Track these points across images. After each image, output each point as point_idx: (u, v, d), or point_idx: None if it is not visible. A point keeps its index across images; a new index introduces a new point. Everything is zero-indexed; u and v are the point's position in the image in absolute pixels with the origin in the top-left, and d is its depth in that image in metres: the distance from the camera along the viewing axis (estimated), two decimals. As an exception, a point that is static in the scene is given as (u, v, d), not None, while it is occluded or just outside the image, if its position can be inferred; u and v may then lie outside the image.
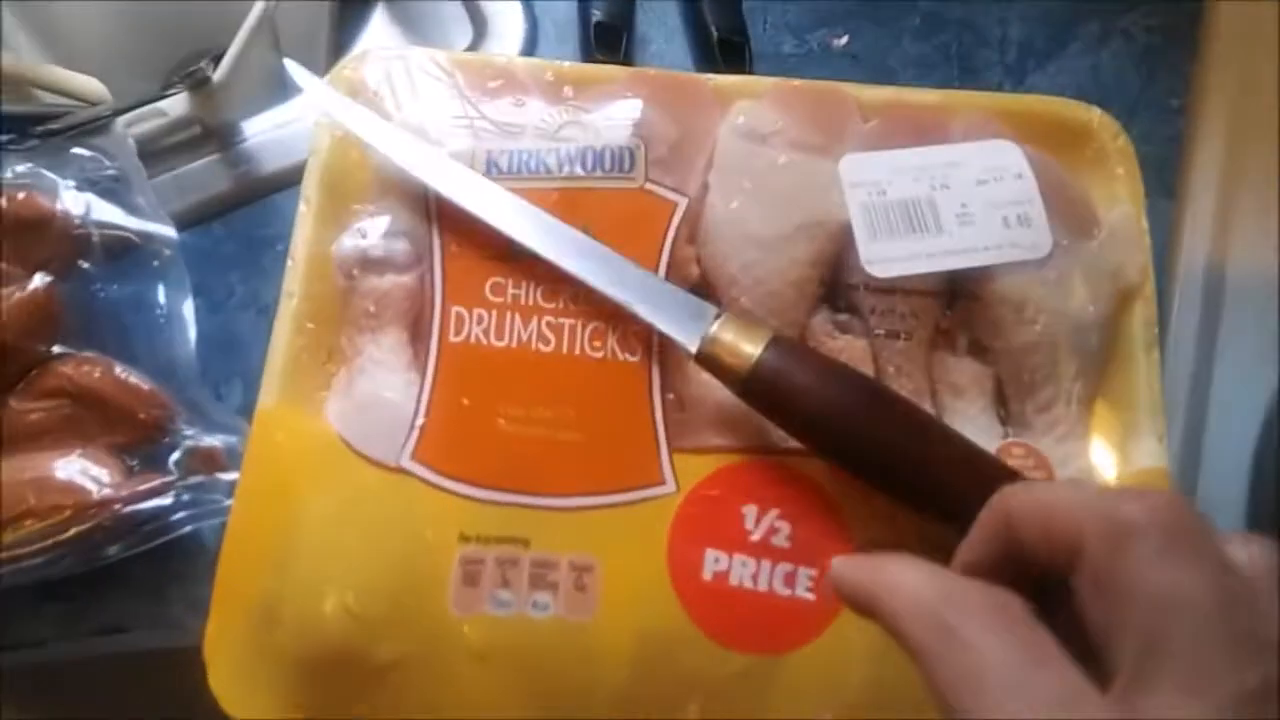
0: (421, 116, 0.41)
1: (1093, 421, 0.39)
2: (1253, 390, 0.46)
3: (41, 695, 0.43)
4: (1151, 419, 0.39)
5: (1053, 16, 0.56)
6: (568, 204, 0.39)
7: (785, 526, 0.36)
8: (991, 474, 0.33)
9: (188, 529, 0.39)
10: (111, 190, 0.43)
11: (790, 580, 0.35)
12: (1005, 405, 0.40)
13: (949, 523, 0.34)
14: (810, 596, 0.35)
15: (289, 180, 0.49)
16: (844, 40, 0.55)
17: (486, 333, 0.38)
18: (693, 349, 0.36)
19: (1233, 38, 0.54)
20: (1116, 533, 0.22)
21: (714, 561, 0.35)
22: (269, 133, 0.51)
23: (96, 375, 0.40)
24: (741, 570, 0.35)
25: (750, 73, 0.52)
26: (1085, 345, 0.39)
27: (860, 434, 0.34)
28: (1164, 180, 0.51)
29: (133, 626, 0.41)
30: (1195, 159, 0.52)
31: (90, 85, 0.47)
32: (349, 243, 0.39)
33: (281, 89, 0.53)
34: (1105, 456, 0.39)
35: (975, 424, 0.39)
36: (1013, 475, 0.34)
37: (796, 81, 0.43)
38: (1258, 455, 0.45)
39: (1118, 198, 0.42)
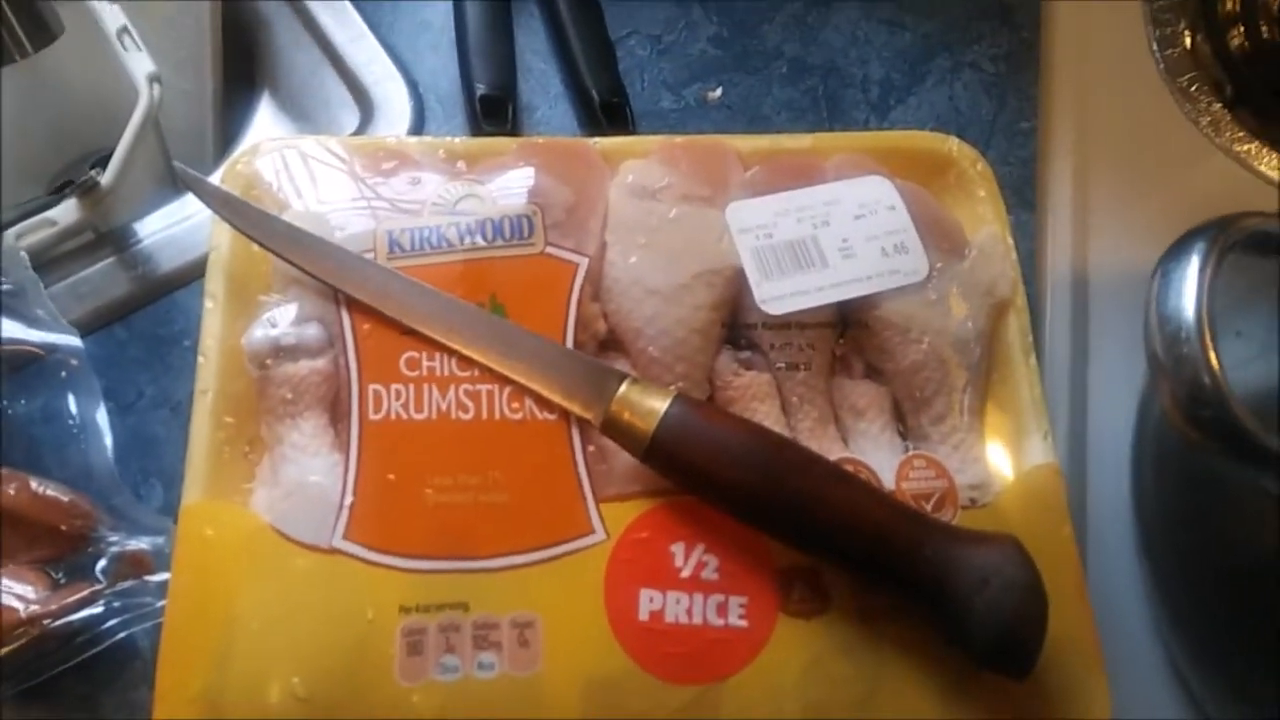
0: (320, 204, 0.41)
1: (984, 427, 0.42)
2: (1126, 381, 0.49)
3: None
4: (1037, 419, 0.41)
5: (907, 55, 0.60)
6: (472, 275, 0.40)
7: (712, 560, 0.37)
8: (893, 519, 0.36)
9: (121, 635, 0.39)
10: (9, 305, 0.43)
11: (722, 610, 0.36)
12: (903, 421, 0.42)
13: (854, 570, 0.37)
14: (743, 623, 0.36)
15: (188, 277, 0.49)
16: (718, 92, 0.58)
17: (405, 407, 0.38)
18: (596, 421, 0.37)
19: (1069, 59, 0.59)
20: None
21: (649, 601, 0.36)
22: (163, 231, 0.51)
23: (12, 492, 0.39)
24: (676, 606, 0.36)
25: (634, 132, 0.54)
26: (969, 358, 0.42)
27: (761, 498, 0.36)
28: (1025, 196, 0.55)
29: (69, 741, 0.40)
30: (1050, 174, 0.56)
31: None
32: (259, 333, 0.39)
33: (171, 186, 0.53)
34: (999, 458, 0.41)
35: (878, 441, 0.41)
36: (914, 516, 0.36)
37: (679, 138, 0.45)
38: (1136, 442, 0.48)
39: (983, 218, 0.45)
